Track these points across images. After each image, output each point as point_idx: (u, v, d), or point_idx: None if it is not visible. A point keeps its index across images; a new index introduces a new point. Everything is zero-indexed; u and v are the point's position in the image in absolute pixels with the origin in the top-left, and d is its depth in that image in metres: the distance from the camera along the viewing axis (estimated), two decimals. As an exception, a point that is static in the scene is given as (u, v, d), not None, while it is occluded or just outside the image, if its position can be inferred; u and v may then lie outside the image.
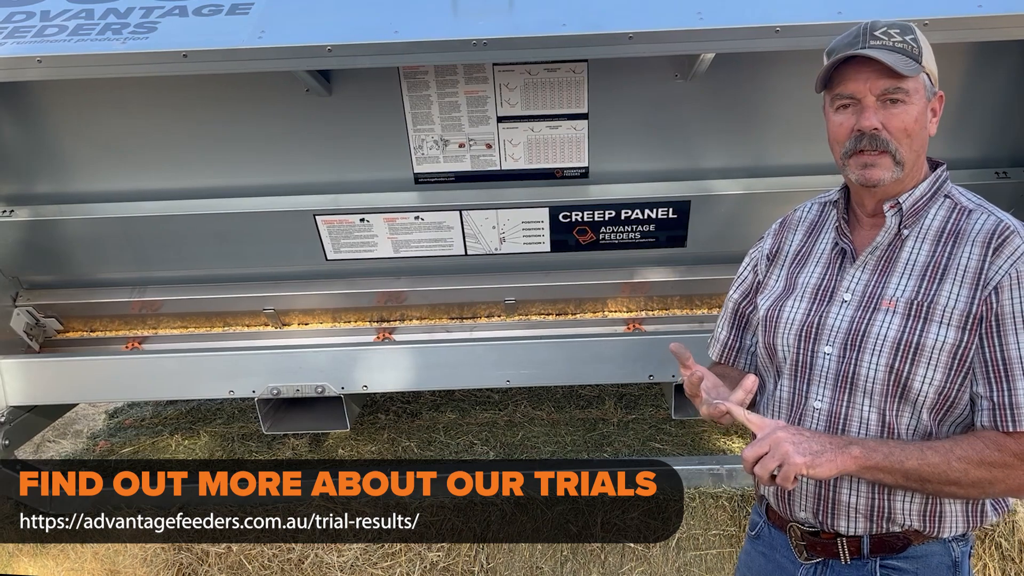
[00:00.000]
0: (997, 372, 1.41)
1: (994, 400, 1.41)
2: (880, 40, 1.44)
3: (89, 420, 4.62)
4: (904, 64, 1.41)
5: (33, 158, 2.85)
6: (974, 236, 1.46)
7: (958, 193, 1.54)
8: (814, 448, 1.36)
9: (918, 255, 1.50)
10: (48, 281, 3.16)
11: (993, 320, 1.41)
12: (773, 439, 1.36)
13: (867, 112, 1.45)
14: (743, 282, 1.81)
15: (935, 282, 1.46)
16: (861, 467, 1.39)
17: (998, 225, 1.45)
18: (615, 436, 3.53)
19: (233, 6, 2.47)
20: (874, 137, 1.45)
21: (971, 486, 1.40)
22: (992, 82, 2.66)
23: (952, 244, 1.47)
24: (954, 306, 1.43)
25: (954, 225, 1.49)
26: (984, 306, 1.41)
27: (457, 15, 2.41)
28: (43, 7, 2.54)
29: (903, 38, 1.45)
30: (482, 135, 2.78)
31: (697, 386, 1.49)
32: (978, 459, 1.39)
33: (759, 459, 1.36)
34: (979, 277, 1.42)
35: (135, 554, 2.96)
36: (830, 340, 1.54)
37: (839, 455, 1.37)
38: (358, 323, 3.30)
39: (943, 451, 1.40)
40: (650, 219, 2.89)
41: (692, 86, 2.65)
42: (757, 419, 1.43)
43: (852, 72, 1.46)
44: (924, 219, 1.52)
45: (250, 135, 2.80)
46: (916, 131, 1.47)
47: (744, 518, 2.88)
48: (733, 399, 1.45)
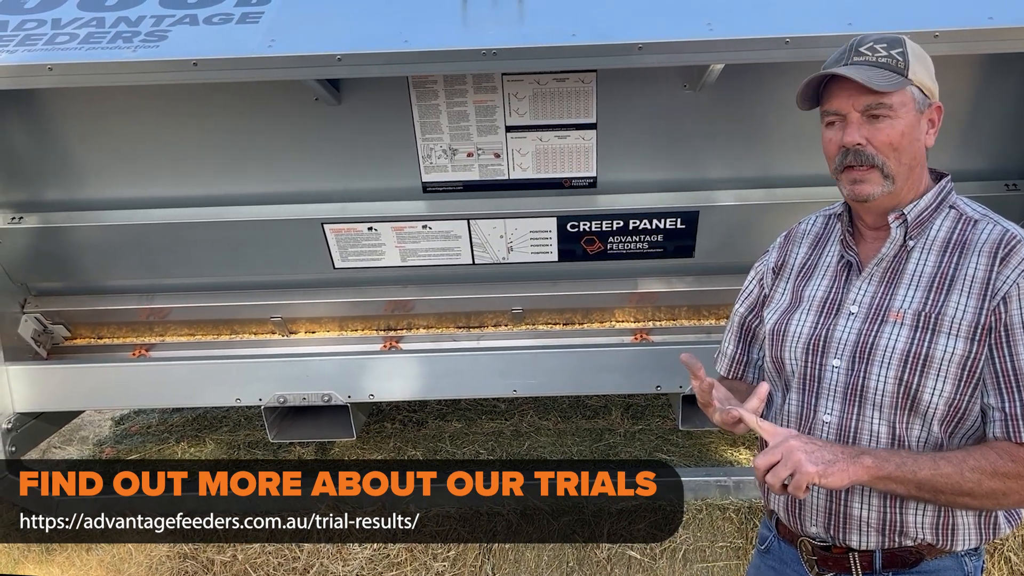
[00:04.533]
0: (1008, 383, 1.40)
1: (1006, 411, 1.40)
2: (864, 56, 1.45)
3: (95, 427, 4.62)
4: (882, 79, 1.42)
5: (43, 165, 2.86)
6: (981, 246, 1.45)
7: (963, 204, 1.54)
8: (826, 457, 1.35)
9: (924, 266, 1.49)
10: (56, 288, 3.17)
11: (1002, 330, 1.40)
12: (785, 447, 1.35)
13: (850, 128, 1.46)
14: (749, 296, 1.81)
15: (942, 293, 1.45)
16: (873, 477, 1.38)
17: (1004, 234, 1.44)
18: (621, 446, 3.51)
19: (243, 15, 2.48)
20: (859, 152, 1.46)
21: (985, 497, 1.39)
22: (1002, 94, 2.64)
23: (959, 254, 1.47)
24: (962, 317, 1.42)
25: (960, 235, 1.49)
26: (992, 316, 1.41)
27: (466, 25, 2.42)
28: (54, 15, 2.55)
29: (889, 52, 1.45)
30: (491, 144, 2.78)
31: (708, 394, 1.49)
32: (991, 470, 1.38)
33: (771, 467, 1.35)
34: (987, 287, 1.42)
35: (140, 561, 2.96)
36: (838, 353, 1.53)
37: (851, 465, 1.36)
38: (365, 332, 3.30)
39: (956, 461, 1.39)
40: (658, 229, 2.89)
41: (701, 96, 2.65)
42: (769, 427, 1.43)
43: (836, 88, 1.48)
44: (929, 230, 1.51)
45: (259, 143, 2.80)
46: (904, 145, 1.46)
47: (751, 530, 2.86)
48: (747, 406, 1.45)
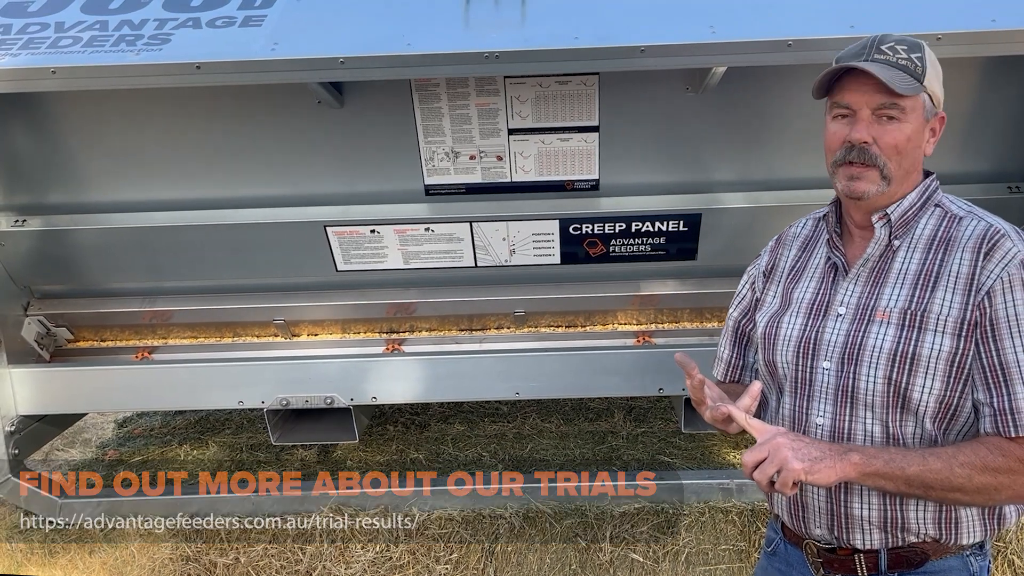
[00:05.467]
0: (996, 378, 1.40)
1: (995, 406, 1.40)
2: (885, 55, 1.44)
3: (98, 429, 4.62)
4: (901, 82, 1.41)
5: (46, 168, 2.86)
6: (965, 242, 1.45)
7: (948, 201, 1.53)
8: (813, 454, 1.35)
9: (910, 264, 1.49)
10: (59, 291, 3.17)
11: (988, 325, 1.40)
12: (772, 444, 1.35)
13: (860, 125, 1.45)
14: (742, 300, 1.81)
15: (927, 290, 1.45)
16: (861, 474, 1.37)
17: (988, 229, 1.44)
18: (624, 449, 3.51)
19: (246, 18, 2.49)
20: (863, 151, 1.45)
21: (976, 492, 1.38)
22: (1005, 96, 2.65)
23: (943, 251, 1.47)
24: (947, 313, 1.42)
25: (945, 232, 1.48)
26: (978, 311, 1.40)
27: (469, 28, 2.42)
28: (58, 18, 2.56)
29: (909, 56, 1.44)
30: (493, 147, 2.78)
31: (700, 391, 1.49)
32: (982, 464, 1.37)
33: (758, 464, 1.35)
34: (971, 283, 1.41)
35: (142, 564, 2.96)
36: (828, 355, 1.53)
37: (838, 462, 1.36)
38: (367, 334, 3.30)
39: (946, 457, 1.38)
40: (661, 232, 2.89)
41: (703, 99, 2.65)
42: (758, 424, 1.43)
43: (852, 83, 1.46)
44: (915, 229, 1.51)
45: (261, 146, 2.81)
46: (908, 150, 1.46)
47: (754, 533, 2.86)
48: (739, 404, 1.45)
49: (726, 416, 1.45)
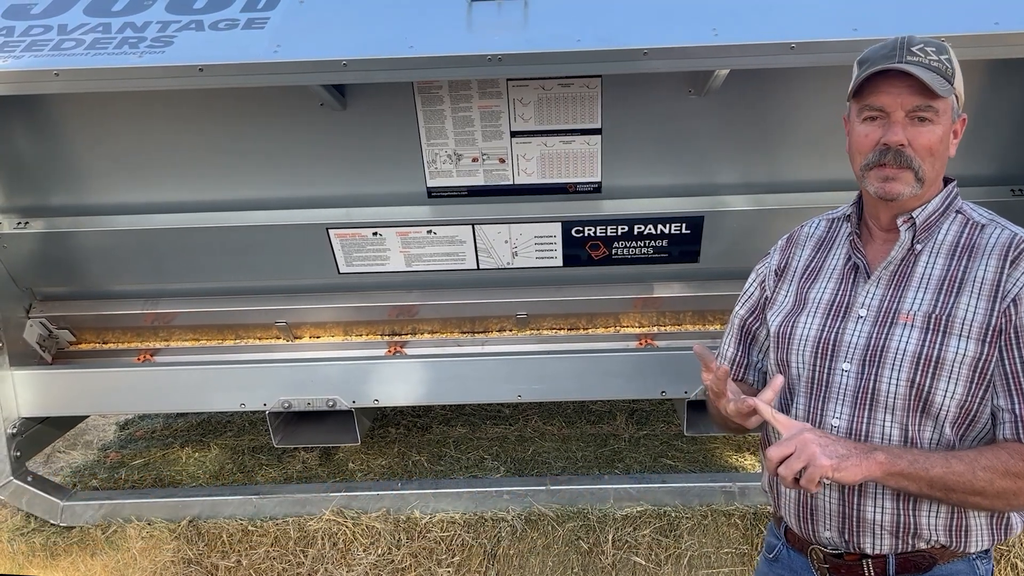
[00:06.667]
0: (1018, 385, 1.41)
1: (1016, 412, 1.41)
2: (917, 56, 1.43)
3: (100, 431, 4.63)
4: (939, 84, 1.41)
5: (48, 170, 2.86)
6: (990, 249, 1.46)
7: (969, 209, 1.54)
8: (840, 451, 1.35)
9: (933, 269, 1.49)
10: (61, 293, 3.18)
11: (1012, 333, 1.41)
12: (800, 440, 1.35)
13: (895, 127, 1.44)
14: (750, 298, 1.81)
15: (952, 295, 1.45)
16: (886, 473, 1.37)
17: (1014, 238, 1.45)
18: (626, 452, 3.51)
19: (249, 21, 2.49)
20: (899, 153, 1.44)
21: (996, 496, 1.39)
22: (1008, 99, 2.65)
23: (967, 258, 1.47)
24: (972, 319, 1.43)
25: (968, 239, 1.49)
26: (1003, 318, 1.41)
27: (472, 30, 2.42)
28: (61, 21, 2.56)
29: (939, 57, 1.44)
30: (495, 149, 2.78)
31: (723, 382, 1.48)
32: (1003, 469, 1.38)
33: (784, 459, 1.34)
34: (997, 290, 1.42)
35: (144, 567, 2.95)
36: (848, 356, 1.53)
37: (864, 460, 1.36)
38: (370, 337, 3.30)
39: (968, 460, 1.39)
40: (663, 234, 2.88)
41: (706, 102, 2.65)
42: (784, 419, 1.42)
43: (885, 85, 1.44)
44: (937, 234, 1.52)
45: (264, 149, 2.81)
46: (940, 151, 1.47)
47: (757, 536, 2.85)
48: (761, 397, 1.44)
49: (751, 409, 1.45)
